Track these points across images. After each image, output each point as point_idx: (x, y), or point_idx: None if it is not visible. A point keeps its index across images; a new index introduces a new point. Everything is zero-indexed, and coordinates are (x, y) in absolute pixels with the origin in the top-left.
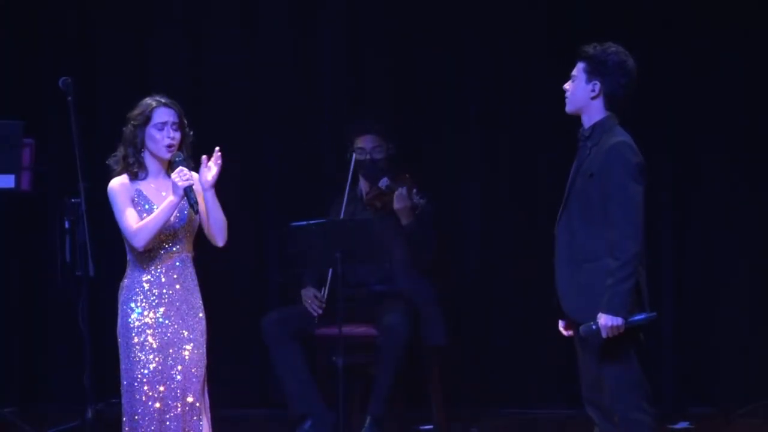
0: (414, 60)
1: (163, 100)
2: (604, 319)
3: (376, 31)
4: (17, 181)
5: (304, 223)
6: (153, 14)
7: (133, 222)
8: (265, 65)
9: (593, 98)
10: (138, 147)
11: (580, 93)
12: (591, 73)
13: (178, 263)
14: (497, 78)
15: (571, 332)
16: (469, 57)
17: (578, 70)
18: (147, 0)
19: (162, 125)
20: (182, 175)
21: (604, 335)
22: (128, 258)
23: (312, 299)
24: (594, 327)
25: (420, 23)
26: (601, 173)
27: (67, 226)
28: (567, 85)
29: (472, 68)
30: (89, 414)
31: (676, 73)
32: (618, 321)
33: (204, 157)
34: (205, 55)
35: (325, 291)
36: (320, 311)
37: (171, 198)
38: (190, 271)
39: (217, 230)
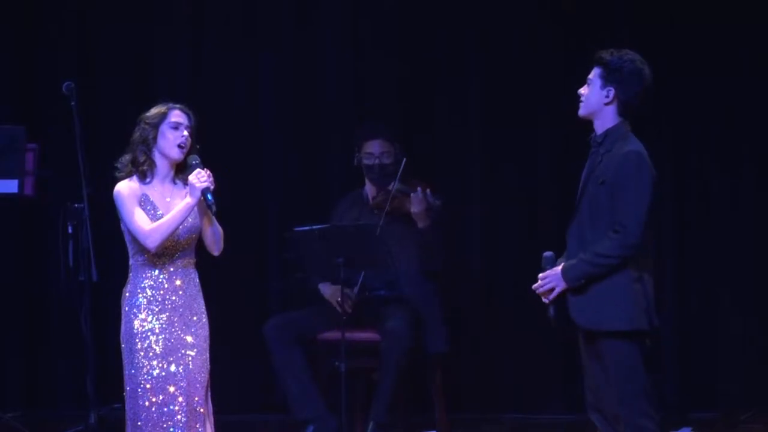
0: (415, 61)
1: (179, 105)
2: (550, 277)
3: (377, 32)
4: (20, 186)
5: (307, 228)
6: (153, 17)
7: (145, 224)
8: (267, 67)
9: (607, 104)
10: (150, 145)
11: (594, 98)
12: (606, 79)
13: (180, 269)
14: (498, 78)
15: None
16: (470, 57)
17: (594, 75)
18: (148, 2)
19: (176, 125)
20: (200, 177)
21: (538, 287)
22: (130, 263)
23: (345, 298)
24: (548, 266)
25: (421, 23)
26: (613, 181)
27: (70, 230)
28: (582, 90)
29: (472, 68)
30: (92, 419)
31: (675, 72)
32: (561, 286)
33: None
34: (206, 58)
35: (356, 289)
36: (350, 311)
37: (188, 200)
38: (193, 277)
39: (212, 241)
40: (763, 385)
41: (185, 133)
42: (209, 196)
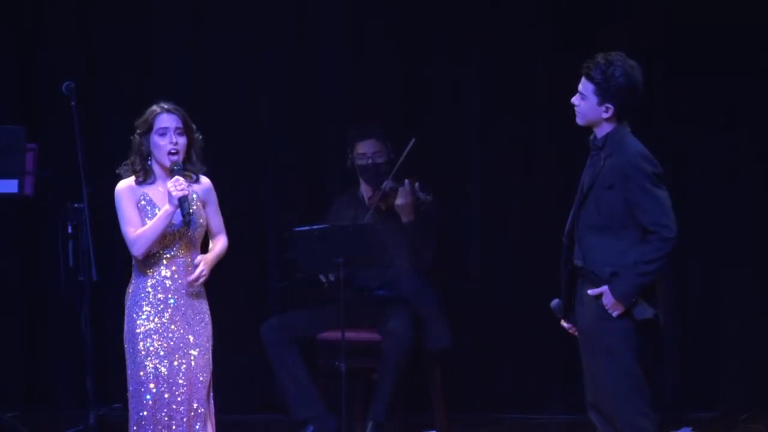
0: (415, 61)
1: (166, 106)
2: (606, 297)
3: (377, 32)
4: (20, 186)
5: (307, 228)
6: (153, 17)
7: (133, 230)
8: (267, 67)
9: (607, 119)
10: (144, 155)
11: (593, 114)
12: (603, 97)
13: (182, 268)
14: (498, 78)
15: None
16: (469, 57)
17: (587, 90)
18: (148, 2)
19: (164, 131)
20: (177, 184)
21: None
22: (133, 263)
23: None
24: (560, 313)
25: (421, 23)
26: (621, 184)
27: (69, 230)
28: (575, 100)
29: (472, 68)
30: (92, 419)
31: (675, 72)
32: (618, 310)
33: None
34: (206, 57)
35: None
36: (333, 278)
37: (166, 207)
38: None
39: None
40: (763, 385)
41: (174, 138)
42: (185, 205)
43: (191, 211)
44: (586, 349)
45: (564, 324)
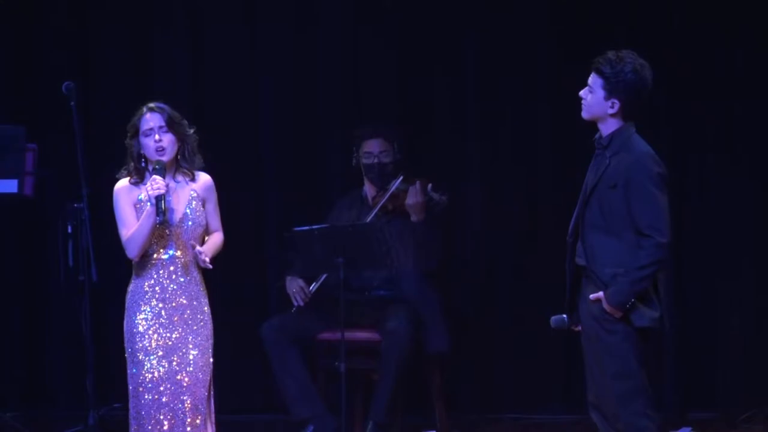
0: (415, 61)
1: (151, 105)
2: (604, 303)
3: (377, 32)
4: (20, 186)
5: (307, 228)
6: (153, 17)
7: (127, 231)
8: (267, 67)
9: (612, 115)
10: (135, 157)
11: (599, 108)
12: (610, 92)
13: (180, 267)
14: (498, 78)
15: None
16: (469, 56)
17: (595, 84)
18: (148, 2)
19: (149, 131)
20: (153, 184)
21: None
22: (133, 263)
23: (298, 290)
24: (566, 319)
25: (421, 23)
26: (625, 184)
27: (69, 230)
28: (583, 93)
29: (472, 68)
30: (92, 419)
31: (675, 72)
32: (616, 315)
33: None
34: (206, 57)
35: (315, 286)
36: (302, 303)
37: (147, 207)
38: (194, 276)
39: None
40: (763, 385)
41: (157, 137)
42: (160, 204)
43: (166, 209)
44: (588, 349)
45: (575, 329)
